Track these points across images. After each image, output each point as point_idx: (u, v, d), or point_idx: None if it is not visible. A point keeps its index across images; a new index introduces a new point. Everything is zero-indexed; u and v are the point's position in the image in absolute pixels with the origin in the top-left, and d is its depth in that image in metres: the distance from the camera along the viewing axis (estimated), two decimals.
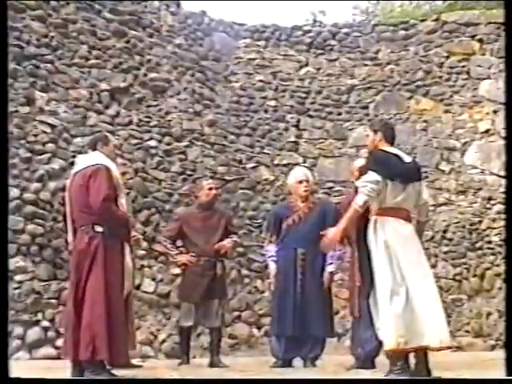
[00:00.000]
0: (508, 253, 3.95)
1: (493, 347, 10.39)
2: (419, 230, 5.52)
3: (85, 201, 5.49)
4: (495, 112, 12.10)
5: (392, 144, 5.52)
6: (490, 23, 12.65)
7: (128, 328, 5.85)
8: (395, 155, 5.37)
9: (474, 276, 11.14)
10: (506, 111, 4.29)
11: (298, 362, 7.18)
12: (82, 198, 5.51)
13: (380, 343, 5.60)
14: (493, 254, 11.24)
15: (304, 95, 12.78)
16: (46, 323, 8.64)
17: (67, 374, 5.48)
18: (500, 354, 8.98)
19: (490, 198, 11.65)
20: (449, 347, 5.20)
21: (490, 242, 11.34)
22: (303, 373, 6.37)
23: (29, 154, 9.32)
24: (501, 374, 5.76)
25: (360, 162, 6.74)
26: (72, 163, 8.73)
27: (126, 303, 5.84)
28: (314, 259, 7.06)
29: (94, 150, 5.85)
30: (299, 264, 7.06)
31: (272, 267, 7.32)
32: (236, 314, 10.38)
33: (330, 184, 12.00)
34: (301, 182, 7.27)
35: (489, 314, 10.77)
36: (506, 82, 4.33)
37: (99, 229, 5.47)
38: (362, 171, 5.37)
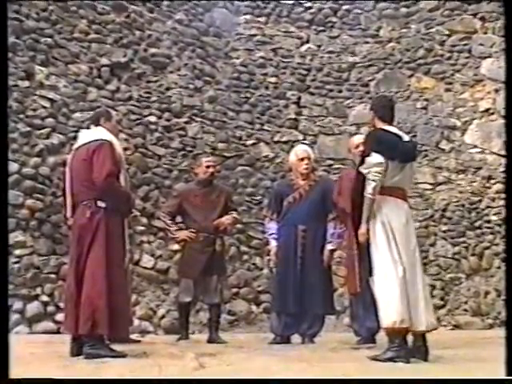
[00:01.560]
0: (508, 243, 3.92)
1: (491, 326, 10.41)
2: None
3: (87, 176, 5.47)
4: (496, 91, 12.04)
5: (390, 122, 5.48)
6: (492, 1, 12.56)
7: (128, 303, 5.87)
8: (395, 134, 5.35)
9: (473, 255, 11.15)
10: (505, 90, 4.26)
11: (297, 339, 7.21)
12: (85, 172, 5.49)
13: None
14: (492, 234, 11.25)
15: (305, 72, 12.74)
16: (45, 298, 8.67)
17: (66, 348, 5.50)
18: (498, 332, 9.05)
19: (489, 178, 11.63)
20: (435, 329, 5.23)
21: (489, 222, 11.34)
22: (302, 349, 6.39)
23: (28, 129, 9.30)
24: (498, 352, 5.80)
25: (358, 139, 6.74)
26: (72, 138, 8.76)
27: (126, 279, 5.85)
28: (314, 236, 7.08)
29: (97, 125, 5.82)
30: (300, 241, 7.06)
31: (273, 244, 7.32)
32: (235, 290, 10.40)
33: (330, 162, 11.99)
34: (302, 159, 7.26)
35: (487, 292, 10.79)
36: (506, 60, 4.30)
37: (102, 204, 5.45)
38: (364, 152, 5.33)
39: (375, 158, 5.14)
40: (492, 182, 11.61)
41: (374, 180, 5.10)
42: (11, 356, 3.40)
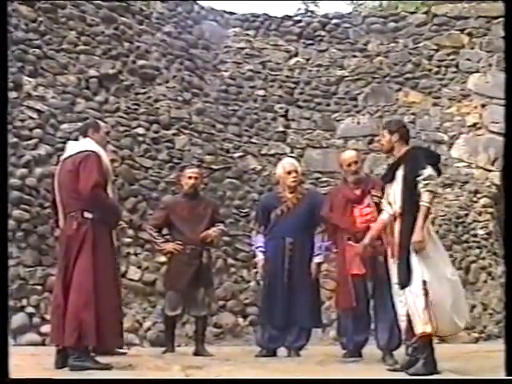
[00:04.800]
0: (507, 260, 3.95)
1: (476, 340, 10.43)
2: None
3: (74, 187, 5.47)
4: (483, 106, 12.15)
5: (407, 143, 5.73)
6: (480, 17, 12.71)
7: (114, 315, 5.83)
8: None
9: (459, 269, 11.12)
10: (505, 108, 4.29)
11: (283, 352, 7.20)
12: (72, 184, 5.49)
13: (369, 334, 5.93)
14: (478, 248, 11.30)
15: (293, 85, 12.79)
16: (30, 309, 8.61)
17: (51, 360, 5.47)
18: (483, 346, 9.06)
19: (476, 192, 11.69)
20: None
21: (475, 236, 11.39)
22: (288, 362, 6.38)
23: (15, 140, 9.27)
24: (484, 365, 5.83)
25: (350, 157, 6.72)
26: (59, 149, 8.74)
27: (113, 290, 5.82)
28: (302, 249, 7.06)
29: (85, 136, 5.82)
30: (287, 254, 7.04)
31: (260, 257, 7.30)
32: (221, 303, 10.37)
33: (317, 175, 12.01)
34: (289, 172, 7.25)
35: (473, 306, 10.80)
36: (506, 73, 4.37)
37: (88, 215, 5.45)
38: (392, 166, 5.63)
39: (429, 171, 5.36)
40: (478, 196, 11.66)
41: (431, 190, 5.32)
42: None
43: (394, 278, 5.48)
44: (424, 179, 5.30)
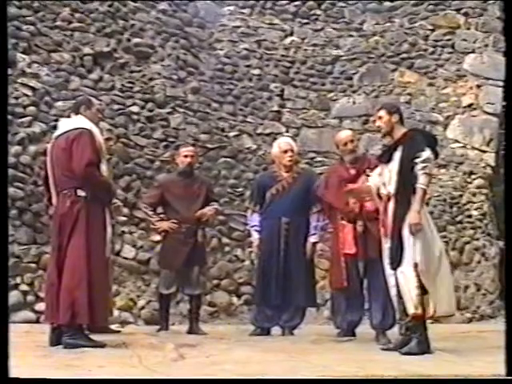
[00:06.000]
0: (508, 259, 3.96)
1: (470, 320, 10.48)
2: None
3: (67, 165, 5.45)
4: (479, 86, 12.12)
5: (403, 125, 5.80)
6: None
7: (108, 293, 5.86)
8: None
9: (454, 249, 11.17)
10: (505, 92, 4.33)
11: (277, 331, 7.23)
12: (65, 161, 5.47)
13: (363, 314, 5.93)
14: (472, 228, 11.31)
15: (288, 65, 12.73)
16: (25, 287, 8.61)
17: (46, 338, 5.48)
18: (476, 326, 9.11)
19: (471, 173, 11.69)
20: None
21: (469, 216, 11.39)
22: (283, 341, 6.41)
23: (9, 117, 9.21)
24: (476, 345, 5.87)
25: (346, 136, 6.73)
26: (53, 127, 8.69)
27: (106, 269, 5.83)
28: (297, 229, 7.08)
29: (77, 113, 5.79)
30: (283, 233, 7.06)
31: (255, 237, 7.32)
32: (216, 282, 10.37)
33: (313, 154, 11.98)
34: (285, 151, 7.25)
35: (466, 287, 10.85)
36: (506, 60, 4.39)
37: (82, 193, 5.44)
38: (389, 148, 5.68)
39: (427, 153, 5.39)
40: (473, 177, 11.67)
41: (428, 173, 5.38)
42: None
43: (387, 259, 5.51)
44: (422, 161, 5.32)
